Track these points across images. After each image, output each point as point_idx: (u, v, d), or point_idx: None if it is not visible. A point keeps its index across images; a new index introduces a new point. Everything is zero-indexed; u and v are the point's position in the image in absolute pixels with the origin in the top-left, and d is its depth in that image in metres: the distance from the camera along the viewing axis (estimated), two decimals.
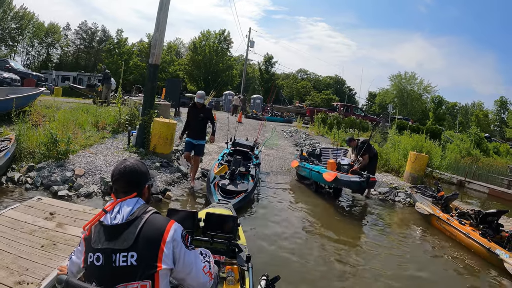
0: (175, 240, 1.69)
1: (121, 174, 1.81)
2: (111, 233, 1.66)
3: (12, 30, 42.36)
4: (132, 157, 2.06)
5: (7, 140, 7.00)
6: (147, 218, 1.69)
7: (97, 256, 1.63)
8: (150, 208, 1.77)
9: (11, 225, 3.39)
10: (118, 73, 36.44)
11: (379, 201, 8.77)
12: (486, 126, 48.87)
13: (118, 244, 1.62)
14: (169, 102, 14.98)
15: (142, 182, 1.87)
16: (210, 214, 3.05)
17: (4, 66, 16.81)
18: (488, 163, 18.09)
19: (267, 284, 2.52)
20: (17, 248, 3.00)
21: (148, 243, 1.63)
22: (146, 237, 1.63)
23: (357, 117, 23.82)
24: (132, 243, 1.61)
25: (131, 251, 1.60)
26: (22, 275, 2.65)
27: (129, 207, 1.72)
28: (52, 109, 10.42)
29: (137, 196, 1.80)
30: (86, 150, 7.68)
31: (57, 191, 5.76)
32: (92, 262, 1.64)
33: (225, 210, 3.93)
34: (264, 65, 50.80)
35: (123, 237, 1.63)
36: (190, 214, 2.95)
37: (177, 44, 60.69)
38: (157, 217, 1.74)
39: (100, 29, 53.44)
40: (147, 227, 1.66)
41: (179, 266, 1.70)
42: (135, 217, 1.68)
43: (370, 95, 60.02)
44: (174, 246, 1.68)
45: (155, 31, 8.60)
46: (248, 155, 8.75)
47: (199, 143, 7.47)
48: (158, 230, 1.67)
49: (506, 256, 5.08)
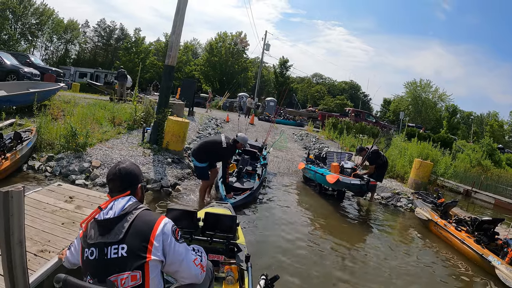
0: (165, 233, 1.78)
1: (115, 175, 1.93)
2: (103, 227, 1.76)
3: (32, 26, 43.28)
4: (127, 160, 2.29)
5: (29, 131, 7.50)
6: (138, 213, 1.80)
7: (91, 251, 1.73)
8: (142, 205, 1.89)
9: (35, 205, 3.78)
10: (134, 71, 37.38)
11: (381, 206, 8.98)
12: (500, 136, 48.04)
13: (110, 237, 1.72)
14: (183, 102, 15.33)
15: (135, 182, 1.97)
16: (209, 213, 3.05)
17: (25, 61, 17.10)
18: (498, 174, 18.00)
19: (266, 283, 2.56)
20: (41, 224, 3.37)
21: (138, 235, 1.72)
22: (136, 230, 1.73)
23: (368, 123, 23.89)
24: (123, 236, 1.70)
25: (122, 244, 1.69)
26: (44, 245, 3.02)
27: (121, 203, 1.82)
28: (70, 104, 10.91)
29: (130, 194, 1.90)
30: (102, 144, 8.11)
31: (74, 180, 6.21)
32: (87, 257, 1.75)
33: (224, 210, 3.91)
34: (279, 68, 51.04)
35: (115, 230, 1.73)
36: (189, 213, 2.97)
37: (193, 44, 61.36)
38: (148, 213, 1.86)
39: (118, 27, 54.34)
40: (137, 221, 1.76)
41: (169, 259, 1.78)
42: (126, 212, 1.79)
43: (384, 102, 59.67)
44: (164, 239, 1.76)
45: (171, 34, 9.01)
46: (256, 155, 9.07)
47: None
48: (148, 224, 1.77)
49: (498, 263, 5.22)
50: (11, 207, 1.96)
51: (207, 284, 2.13)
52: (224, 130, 15.76)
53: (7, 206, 1.95)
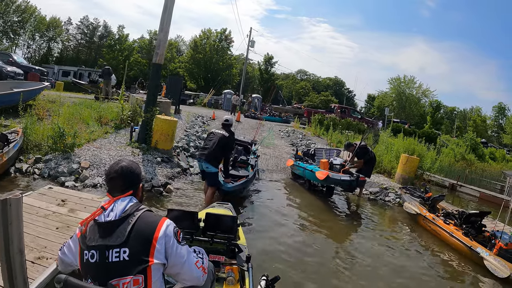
0: (167, 235, 1.74)
1: (118, 173, 1.87)
2: (104, 229, 1.71)
3: (14, 23, 42.22)
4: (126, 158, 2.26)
5: (15, 132, 7.31)
6: (140, 215, 1.75)
7: (91, 254, 1.69)
8: (143, 206, 1.85)
9: (27, 210, 3.65)
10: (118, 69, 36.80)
11: (370, 201, 9.13)
12: (483, 131, 49.26)
13: (111, 240, 1.67)
14: (169, 99, 15.14)
15: (137, 181, 1.94)
16: (210, 214, 3.03)
17: (7, 60, 16.66)
18: (482, 168, 18.45)
19: (267, 284, 2.53)
20: (35, 230, 3.30)
21: (140, 238, 1.68)
22: (138, 233, 1.69)
23: (354, 119, 24.11)
24: (125, 239, 1.66)
25: (123, 247, 1.66)
26: (41, 251, 2.96)
27: (122, 205, 1.78)
28: (56, 104, 10.69)
29: (132, 194, 1.87)
30: (90, 144, 7.97)
31: (64, 182, 6.09)
32: (87, 259, 1.70)
33: (225, 211, 3.90)
34: (264, 65, 51.00)
35: (116, 233, 1.69)
36: (190, 214, 2.95)
37: (177, 41, 60.79)
38: (150, 214, 1.81)
39: (101, 25, 53.41)
40: (139, 223, 1.72)
41: (171, 261, 1.76)
42: (128, 214, 1.74)
43: (369, 98, 60.27)
44: (166, 241, 1.73)
45: (159, 32, 8.91)
46: (248, 148, 9.26)
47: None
48: (150, 226, 1.73)
49: (487, 254, 5.41)
50: (9, 215, 1.93)
51: (209, 285, 2.11)
52: (211, 127, 15.66)
53: (6, 214, 1.91)
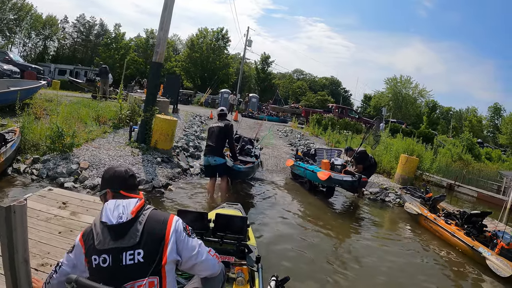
0: (177, 231, 1.77)
1: (122, 177, 1.95)
2: (116, 232, 1.70)
3: (10, 21, 41.98)
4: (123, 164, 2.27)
5: (12, 132, 7.19)
6: (149, 214, 1.77)
7: (103, 258, 1.66)
8: (149, 206, 1.87)
9: (27, 214, 3.56)
10: (115, 68, 36.56)
11: (370, 201, 9.11)
12: (479, 131, 49.41)
13: (124, 242, 1.67)
14: (167, 99, 15.03)
15: (138, 184, 2.05)
16: (219, 215, 3.05)
17: (4, 58, 16.47)
18: (479, 168, 18.50)
19: (276, 284, 2.54)
20: (37, 234, 3.18)
21: (153, 238, 1.70)
22: (150, 232, 1.71)
23: (351, 119, 24.14)
24: (138, 240, 1.67)
25: (138, 249, 1.66)
26: (44, 258, 2.86)
27: (131, 206, 1.78)
28: (54, 103, 10.57)
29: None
30: (89, 143, 7.88)
31: (63, 183, 5.98)
32: (98, 264, 1.66)
33: (234, 211, 3.90)
34: (261, 65, 50.90)
35: (129, 234, 1.69)
36: (200, 215, 2.98)
37: (174, 40, 60.49)
38: (158, 213, 1.85)
39: (98, 23, 53.14)
40: (149, 222, 1.74)
41: (185, 255, 1.78)
42: (137, 215, 1.75)
43: (365, 98, 60.37)
44: (177, 237, 1.76)
45: (159, 30, 8.82)
46: (252, 141, 9.65)
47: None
48: (160, 225, 1.76)
49: (488, 254, 5.42)
50: (13, 222, 1.85)
51: (219, 285, 2.11)
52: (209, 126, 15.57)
53: (10, 222, 1.84)
